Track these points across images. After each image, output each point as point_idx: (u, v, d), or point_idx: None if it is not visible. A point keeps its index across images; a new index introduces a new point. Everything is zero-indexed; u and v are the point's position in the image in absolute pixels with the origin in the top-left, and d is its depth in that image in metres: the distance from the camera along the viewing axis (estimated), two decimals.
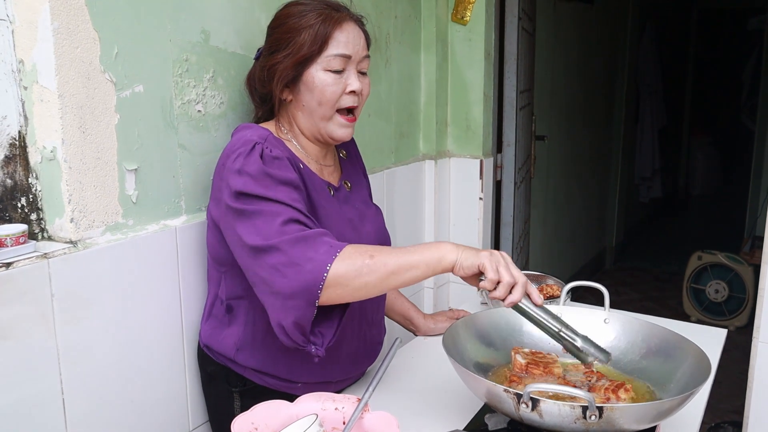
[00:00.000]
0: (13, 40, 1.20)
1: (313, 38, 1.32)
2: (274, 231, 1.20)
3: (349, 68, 1.37)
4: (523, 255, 3.12)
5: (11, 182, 1.23)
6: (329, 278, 1.17)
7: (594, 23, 4.62)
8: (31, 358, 1.17)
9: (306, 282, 1.17)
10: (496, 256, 1.19)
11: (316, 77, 1.35)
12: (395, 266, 1.19)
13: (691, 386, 1.16)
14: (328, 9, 1.35)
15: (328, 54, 1.34)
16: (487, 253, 1.19)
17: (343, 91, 1.37)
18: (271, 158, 1.27)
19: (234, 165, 1.25)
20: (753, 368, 1.87)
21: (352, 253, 1.19)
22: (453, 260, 1.20)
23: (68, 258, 1.21)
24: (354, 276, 1.18)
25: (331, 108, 1.37)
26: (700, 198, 7.94)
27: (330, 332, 1.27)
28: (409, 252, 1.21)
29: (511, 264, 1.20)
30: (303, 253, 1.18)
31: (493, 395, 1.14)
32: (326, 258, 1.17)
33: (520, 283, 1.18)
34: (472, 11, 2.34)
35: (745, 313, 4.23)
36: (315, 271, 1.16)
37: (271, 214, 1.21)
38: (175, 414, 1.48)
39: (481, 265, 1.18)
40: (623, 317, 1.45)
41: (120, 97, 1.29)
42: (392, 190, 2.21)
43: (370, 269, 1.18)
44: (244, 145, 1.27)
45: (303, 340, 1.22)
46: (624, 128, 5.55)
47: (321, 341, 1.25)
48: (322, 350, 1.25)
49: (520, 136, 2.76)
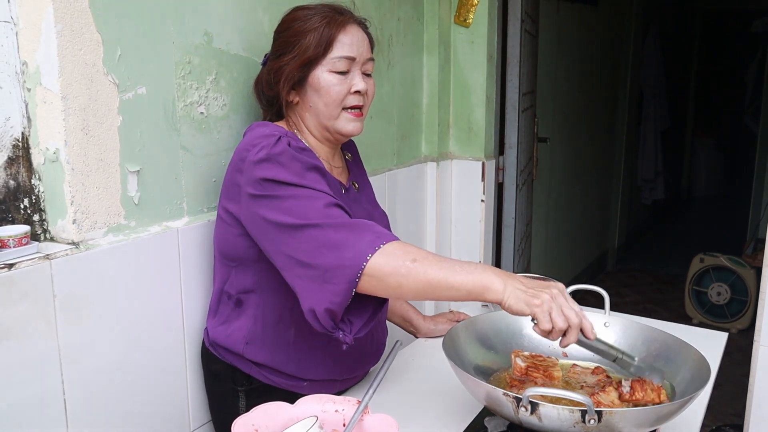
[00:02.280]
0: (17, 42, 1.20)
1: (318, 40, 1.35)
2: (316, 212, 1.20)
3: (354, 70, 1.39)
4: (524, 257, 3.12)
5: (14, 183, 1.24)
6: (368, 268, 1.15)
7: (597, 25, 4.62)
8: (33, 358, 1.18)
9: (344, 266, 1.16)
10: (546, 304, 1.12)
11: (321, 78, 1.37)
12: (435, 279, 1.16)
13: (690, 391, 1.16)
14: (333, 12, 1.38)
15: (332, 56, 1.36)
16: (538, 301, 1.12)
17: (348, 91, 1.39)
18: (298, 149, 1.29)
19: (257, 156, 1.26)
20: (754, 371, 1.86)
21: (396, 250, 1.17)
22: (499, 296, 1.14)
23: (70, 259, 1.22)
24: (390, 272, 1.16)
25: (337, 108, 1.39)
26: (702, 200, 7.94)
27: (359, 322, 1.24)
28: (455, 270, 1.16)
29: (565, 304, 1.14)
30: (346, 238, 1.17)
31: (493, 398, 1.14)
32: (369, 248, 1.16)
33: (574, 326, 1.13)
34: (474, 13, 2.34)
35: (747, 316, 4.23)
36: (355, 258, 1.16)
37: (308, 197, 1.21)
38: (177, 414, 1.49)
39: (533, 314, 1.13)
40: (624, 321, 1.45)
41: (123, 98, 1.30)
42: (394, 191, 2.22)
43: (408, 271, 1.16)
44: (267, 138, 1.29)
45: (332, 326, 1.21)
46: (627, 130, 5.55)
47: (349, 329, 1.23)
48: (351, 337, 1.23)
49: (523, 138, 2.76)
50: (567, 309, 1.13)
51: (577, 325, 1.14)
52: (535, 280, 1.18)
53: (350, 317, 1.24)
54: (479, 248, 2.45)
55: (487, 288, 1.15)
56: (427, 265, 1.16)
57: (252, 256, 1.34)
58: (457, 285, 1.15)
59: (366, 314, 1.25)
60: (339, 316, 1.20)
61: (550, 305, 1.13)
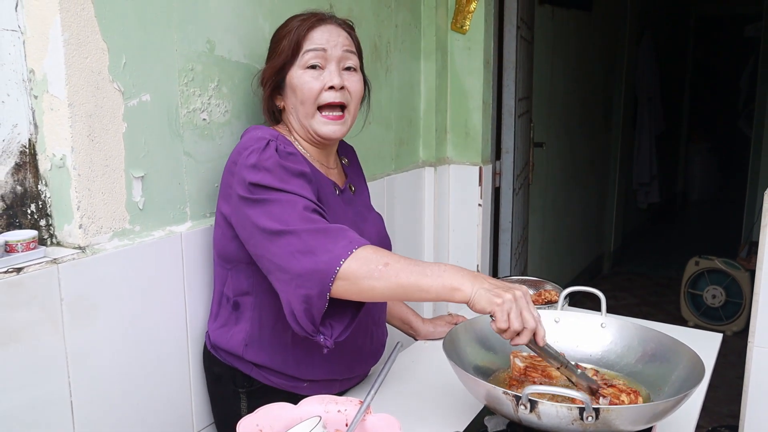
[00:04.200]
0: (24, 50, 1.23)
1: (290, 43, 1.39)
2: (296, 217, 1.22)
3: (329, 65, 1.40)
4: (521, 260, 3.14)
5: (21, 189, 1.26)
6: (341, 272, 1.18)
7: (592, 30, 4.66)
8: (41, 360, 1.20)
9: (319, 270, 1.18)
10: (507, 304, 1.17)
11: (295, 77, 1.40)
12: (406, 282, 1.19)
13: (685, 388, 1.19)
14: (311, 16, 1.41)
15: (302, 52, 1.39)
16: (500, 300, 1.16)
17: (322, 87, 1.39)
18: (285, 153, 1.31)
19: (248, 160, 1.29)
20: (748, 372, 1.89)
21: (369, 255, 1.20)
22: (467, 296, 1.18)
23: (77, 263, 1.24)
24: (363, 276, 1.19)
25: (312, 105, 1.40)
26: (697, 203, 7.99)
27: (340, 326, 1.27)
28: (426, 273, 1.20)
29: (525, 307, 1.18)
30: (321, 243, 1.20)
31: (493, 397, 1.17)
32: (342, 252, 1.19)
33: (528, 329, 1.18)
34: (471, 20, 2.38)
35: (742, 318, 4.26)
36: (329, 262, 1.18)
37: (289, 203, 1.24)
38: (180, 416, 1.50)
39: (492, 312, 1.17)
40: (620, 322, 1.48)
41: (128, 105, 1.32)
42: (392, 196, 2.24)
43: (380, 275, 1.19)
44: (258, 141, 1.32)
45: (312, 330, 1.23)
46: (622, 134, 5.58)
47: (330, 333, 1.26)
48: (331, 341, 1.25)
49: (519, 143, 2.79)
50: (525, 312, 1.18)
51: (531, 329, 1.18)
52: (502, 282, 1.22)
53: (331, 322, 1.27)
54: (476, 252, 2.47)
55: (456, 289, 1.19)
56: (398, 269, 1.19)
57: (245, 258, 1.37)
58: (427, 287, 1.19)
59: (346, 319, 1.28)
60: (317, 319, 1.23)
61: (510, 306, 1.17)
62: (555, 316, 1.51)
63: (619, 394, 1.27)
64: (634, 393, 1.29)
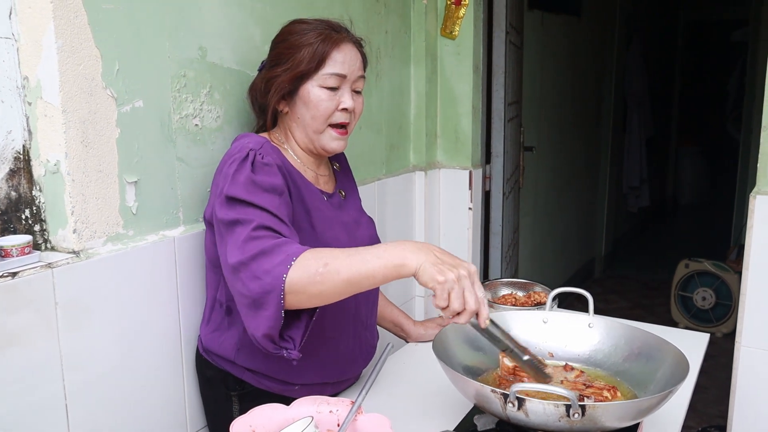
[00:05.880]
0: (18, 57, 1.24)
1: (312, 56, 1.39)
2: (243, 239, 1.23)
3: (344, 87, 1.43)
4: (512, 264, 3.17)
5: (16, 195, 1.27)
6: (287, 286, 1.18)
7: (581, 36, 4.70)
8: (36, 364, 1.21)
9: (268, 293, 1.19)
10: (450, 283, 1.13)
11: (311, 92, 1.41)
12: (348, 275, 1.17)
13: (670, 385, 1.21)
14: (329, 29, 1.42)
15: (324, 72, 1.40)
16: (442, 278, 1.13)
17: (336, 107, 1.43)
18: (261, 164, 1.33)
19: (229, 169, 1.32)
20: (736, 371, 1.92)
21: (307, 261, 1.19)
22: (413, 270, 1.16)
23: (71, 267, 1.26)
24: (307, 284, 1.18)
25: (324, 122, 1.44)
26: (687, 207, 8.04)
27: (299, 334, 1.27)
28: (367, 259, 1.18)
29: (468, 287, 1.15)
30: (261, 266, 1.20)
31: (481, 396, 1.19)
32: (282, 268, 1.19)
33: (469, 310, 1.15)
34: (460, 26, 2.40)
35: (732, 320, 4.29)
36: (273, 282, 1.18)
37: (246, 222, 1.25)
38: (174, 419, 1.52)
39: (433, 289, 1.15)
40: (607, 322, 1.50)
41: (121, 111, 1.34)
42: (383, 200, 2.26)
43: (323, 278, 1.17)
44: (240, 151, 1.34)
45: (273, 347, 1.25)
46: (612, 138, 5.62)
47: (292, 344, 1.26)
48: (296, 352, 1.25)
49: (509, 147, 2.82)
50: (468, 292, 1.15)
51: (472, 310, 1.15)
52: (451, 256, 1.19)
53: (289, 334, 1.27)
54: (467, 255, 2.49)
55: (401, 265, 1.16)
56: (338, 265, 1.17)
57: None
58: (371, 273, 1.17)
59: (302, 326, 1.28)
60: (275, 337, 1.23)
61: (452, 285, 1.13)
62: (543, 316, 1.54)
63: (600, 392, 1.29)
64: (612, 389, 1.31)
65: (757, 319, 1.84)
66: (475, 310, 1.16)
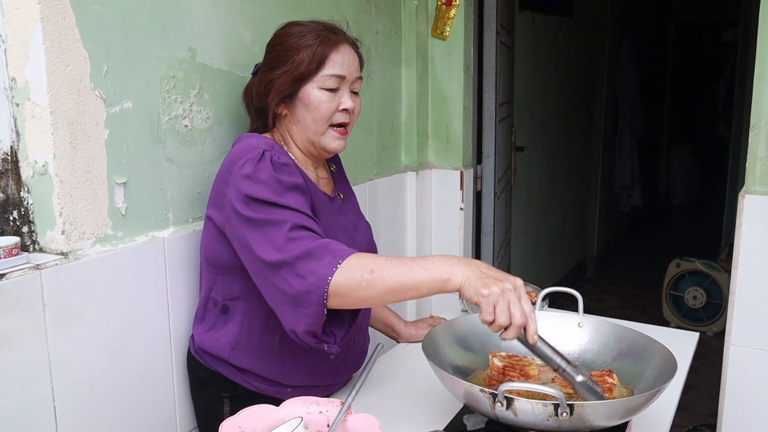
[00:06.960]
0: (5, 58, 1.24)
1: (311, 58, 1.40)
2: (282, 239, 1.24)
3: (343, 88, 1.44)
4: (504, 264, 3.17)
5: (3, 196, 1.27)
6: (331, 289, 1.20)
7: (572, 36, 4.72)
8: (24, 366, 1.21)
9: (311, 293, 1.20)
10: (494, 296, 1.13)
11: (311, 94, 1.41)
12: (394, 284, 1.19)
13: (658, 384, 1.22)
14: (326, 31, 1.43)
15: (324, 74, 1.41)
16: (486, 291, 1.13)
17: (336, 108, 1.44)
18: (279, 164, 1.33)
19: (243, 170, 1.30)
20: (726, 369, 1.93)
21: (354, 266, 1.20)
22: (458, 285, 1.16)
23: (59, 269, 1.25)
24: (353, 289, 1.20)
25: (324, 124, 1.44)
26: (679, 207, 8.07)
27: (341, 332, 1.30)
28: (414, 270, 1.19)
29: (514, 301, 1.13)
30: (307, 265, 1.21)
31: (471, 396, 1.19)
32: (327, 270, 1.20)
33: (515, 324, 1.14)
34: (451, 26, 2.41)
35: (723, 319, 4.31)
36: (318, 283, 1.20)
37: (279, 223, 1.26)
38: (164, 420, 1.51)
39: (478, 303, 1.15)
40: (596, 321, 1.51)
41: (109, 112, 1.33)
42: (375, 201, 2.26)
43: (368, 284, 1.19)
44: (252, 151, 1.33)
45: (315, 342, 1.26)
46: (603, 138, 5.64)
47: (333, 339, 1.28)
48: (336, 347, 1.28)
49: (500, 147, 2.83)
50: (514, 306, 1.13)
51: (519, 324, 1.14)
52: (497, 271, 1.18)
53: (331, 329, 1.29)
54: (458, 254, 2.50)
55: (447, 280, 1.17)
56: (384, 273, 1.19)
57: (238, 264, 1.38)
58: (417, 285, 1.19)
59: (345, 324, 1.31)
60: (319, 333, 1.25)
61: (497, 298, 1.13)
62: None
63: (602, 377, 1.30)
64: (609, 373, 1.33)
65: (746, 317, 1.85)
66: (521, 325, 1.14)
